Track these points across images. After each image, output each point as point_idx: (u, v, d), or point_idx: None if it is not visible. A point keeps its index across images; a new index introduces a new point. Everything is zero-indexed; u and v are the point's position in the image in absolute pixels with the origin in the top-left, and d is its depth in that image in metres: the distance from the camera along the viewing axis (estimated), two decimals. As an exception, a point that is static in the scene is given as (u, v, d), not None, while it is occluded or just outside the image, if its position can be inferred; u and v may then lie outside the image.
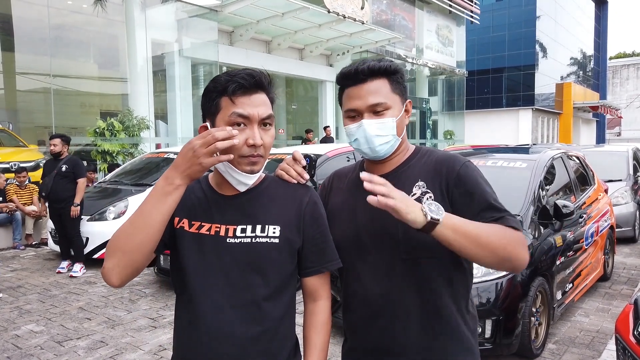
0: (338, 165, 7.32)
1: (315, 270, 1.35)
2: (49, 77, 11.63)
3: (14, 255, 7.26)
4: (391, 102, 1.38)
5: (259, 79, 1.27)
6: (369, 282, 1.42)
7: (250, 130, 1.24)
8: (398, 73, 1.40)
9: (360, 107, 1.37)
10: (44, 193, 6.22)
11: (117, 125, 9.91)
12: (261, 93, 1.28)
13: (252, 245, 1.27)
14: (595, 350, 3.78)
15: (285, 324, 1.32)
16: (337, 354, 3.71)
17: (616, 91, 47.65)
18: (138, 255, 1.16)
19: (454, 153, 1.45)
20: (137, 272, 1.21)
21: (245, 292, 1.26)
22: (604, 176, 6.90)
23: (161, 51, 12.98)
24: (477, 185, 1.36)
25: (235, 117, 1.23)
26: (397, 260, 1.37)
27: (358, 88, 1.38)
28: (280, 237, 1.29)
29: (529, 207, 3.86)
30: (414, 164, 1.44)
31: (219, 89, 1.26)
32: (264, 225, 1.29)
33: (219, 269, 1.26)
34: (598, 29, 41.83)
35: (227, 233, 1.28)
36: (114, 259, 1.16)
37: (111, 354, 3.79)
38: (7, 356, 3.76)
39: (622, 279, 5.79)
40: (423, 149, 1.49)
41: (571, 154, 5.39)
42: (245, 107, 1.24)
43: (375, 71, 1.37)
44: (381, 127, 1.36)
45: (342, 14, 13.49)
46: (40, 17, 11.43)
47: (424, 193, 1.37)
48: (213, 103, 1.27)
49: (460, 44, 23.64)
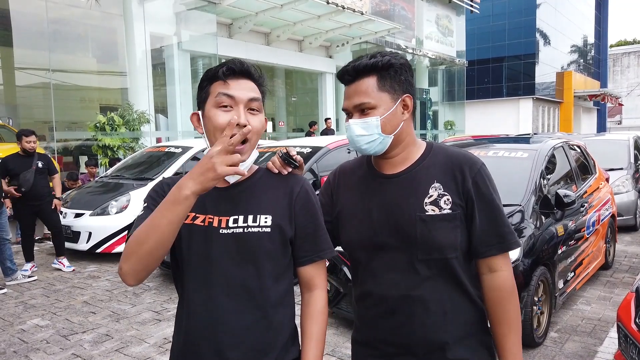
0: (338, 157, 7.27)
1: (308, 259, 1.36)
2: (48, 71, 11.59)
3: (17, 250, 7.29)
4: (376, 100, 1.37)
5: (247, 67, 1.31)
6: (386, 281, 1.41)
7: (235, 111, 1.27)
8: (391, 68, 1.37)
9: (348, 108, 1.41)
10: (25, 189, 5.92)
11: (117, 119, 9.91)
12: (250, 80, 1.31)
13: (244, 235, 1.28)
14: (597, 338, 3.81)
15: (280, 314, 1.32)
16: (340, 344, 3.74)
17: (617, 79, 47.47)
18: (151, 260, 1.18)
19: (467, 153, 1.45)
20: (152, 271, 1.25)
21: (239, 282, 1.27)
22: (605, 165, 6.89)
23: (160, 44, 12.93)
24: (491, 199, 1.39)
25: (221, 97, 1.26)
26: (415, 260, 1.37)
27: (348, 88, 1.41)
28: (272, 227, 1.29)
29: (530, 196, 3.87)
30: (428, 164, 1.42)
31: (209, 77, 1.31)
32: (256, 215, 1.30)
33: (213, 259, 1.27)
34: (599, 17, 41.58)
35: (220, 224, 1.29)
36: (129, 262, 1.18)
37: (117, 347, 3.82)
38: (14, 350, 3.80)
39: (624, 267, 5.81)
40: (435, 147, 1.47)
41: (572, 143, 5.39)
42: (232, 88, 1.27)
43: (360, 70, 1.37)
44: (365, 126, 1.37)
45: (341, 5, 13.43)
46: (38, 12, 11.37)
47: (441, 195, 1.38)
48: (203, 91, 1.31)
49: (460, 34, 23.53)
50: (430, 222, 1.36)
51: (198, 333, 1.29)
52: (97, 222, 6.50)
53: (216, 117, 1.27)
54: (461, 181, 1.37)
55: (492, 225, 1.37)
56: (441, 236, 1.35)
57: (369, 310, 1.47)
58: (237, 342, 1.27)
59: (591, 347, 3.66)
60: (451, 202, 1.36)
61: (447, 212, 1.36)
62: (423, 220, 1.36)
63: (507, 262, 1.40)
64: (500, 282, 1.38)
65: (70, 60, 13.58)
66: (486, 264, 1.39)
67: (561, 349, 3.65)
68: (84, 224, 6.52)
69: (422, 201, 1.37)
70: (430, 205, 1.37)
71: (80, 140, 12.26)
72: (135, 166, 7.78)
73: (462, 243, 1.38)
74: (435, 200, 1.37)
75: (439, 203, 1.36)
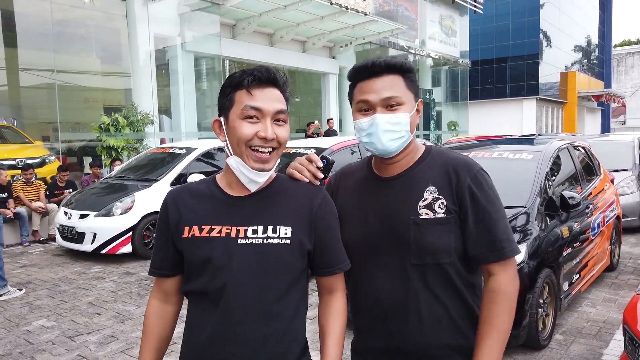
0: (343, 159, 7.30)
1: (330, 271, 1.35)
2: (52, 72, 11.64)
3: (23, 251, 7.33)
4: (405, 98, 1.36)
5: (274, 74, 1.27)
6: (380, 284, 1.41)
7: (262, 124, 1.24)
8: (412, 72, 1.40)
9: (373, 100, 1.35)
10: None
11: (121, 120, 9.93)
12: (275, 89, 1.28)
13: (264, 246, 1.26)
14: (603, 341, 3.80)
15: (294, 325, 1.31)
16: (345, 346, 3.74)
17: (621, 79, 47.28)
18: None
19: (466, 157, 1.43)
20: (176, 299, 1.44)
21: (256, 293, 1.25)
22: (610, 166, 6.87)
23: (163, 45, 12.97)
24: (486, 205, 1.36)
25: (248, 109, 1.24)
26: (409, 265, 1.37)
27: (372, 82, 1.36)
28: (292, 238, 1.28)
29: (535, 198, 3.86)
30: (425, 167, 1.41)
31: (233, 84, 1.27)
32: (275, 225, 1.28)
33: (230, 270, 1.25)
34: (602, 17, 41.44)
35: (238, 234, 1.27)
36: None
37: (122, 349, 3.83)
38: (20, 351, 3.81)
39: (629, 268, 5.79)
40: (434, 150, 1.46)
41: (577, 144, 5.38)
42: (259, 100, 1.24)
43: (391, 67, 1.36)
44: (394, 122, 1.34)
45: (344, 6, 13.43)
46: (42, 13, 11.42)
47: (436, 199, 1.36)
48: (227, 98, 1.28)
49: (464, 34, 23.49)
50: (423, 226, 1.34)
51: (212, 344, 1.26)
52: (101, 223, 6.52)
53: (242, 129, 1.24)
54: (456, 185, 1.36)
55: (487, 232, 1.35)
56: (434, 240, 1.34)
57: (365, 314, 1.47)
58: (252, 355, 1.25)
59: (597, 350, 3.65)
60: (445, 206, 1.35)
61: (441, 216, 1.35)
62: (416, 224, 1.35)
63: (507, 267, 1.36)
64: (496, 285, 1.35)
65: (74, 61, 13.64)
66: (486, 269, 1.38)
67: (566, 351, 3.64)
68: (88, 225, 6.54)
69: (417, 205, 1.36)
70: (425, 209, 1.36)
71: (84, 141, 12.30)
72: (139, 167, 7.80)
73: (457, 248, 1.36)
74: (430, 204, 1.36)
75: (433, 207, 1.35)
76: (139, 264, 6.37)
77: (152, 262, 1.41)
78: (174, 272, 1.38)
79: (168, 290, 1.40)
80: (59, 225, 6.93)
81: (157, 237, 1.39)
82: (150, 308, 1.42)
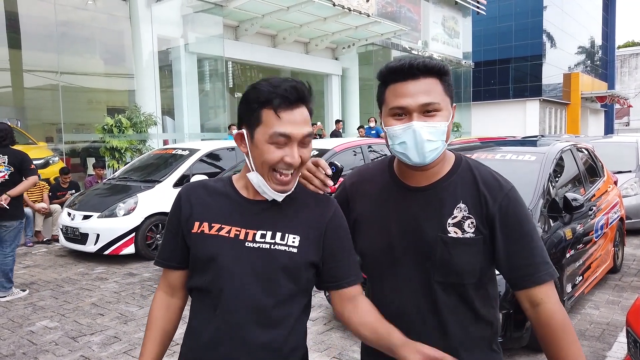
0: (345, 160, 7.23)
1: (344, 283, 1.32)
2: (56, 74, 11.69)
3: (26, 252, 7.35)
4: (443, 104, 1.26)
5: (302, 92, 1.24)
6: (398, 298, 1.37)
7: (289, 149, 1.22)
8: (449, 75, 1.30)
9: (410, 106, 1.24)
10: None
11: (124, 121, 9.97)
12: (303, 107, 1.25)
13: (270, 252, 1.26)
14: (606, 343, 3.79)
15: (295, 333, 1.30)
16: (347, 347, 3.74)
17: (624, 80, 47.17)
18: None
19: (497, 175, 1.35)
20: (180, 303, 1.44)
21: (258, 298, 1.24)
22: (613, 167, 6.85)
23: (167, 47, 13.02)
24: (518, 226, 1.29)
25: (277, 137, 1.21)
26: (431, 281, 1.32)
27: (408, 84, 1.25)
28: (299, 248, 1.27)
29: (538, 200, 3.85)
30: (456, 181, 1.33)
31: (261, 100, 1.22)
32: (284, 233, 1.28)
33: (235, 271, 1.25)
34: (606, 18, 41.36)
35: (246, 237, 1.27)
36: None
37: (125, 349, 3.84)
38: (23, 352, 3.83)
39: (632, 270, 5.77)
40: (464, 162, 1.37)
41: (580, 145, 5.36)
42: (288, 125, 1.21)
43: (429, 69, 1.25)
44: (433, 131, 1.25)
45: (347, 7, 13.44)
46: (46, 15, 11.47)
47: (466, 218, 1.30)
48: (254, 114, 1.24)
49: (467, 35, 23.49)
50: (451, 245, 1.29)
51: (212, 346, 1.27)
52: (105, 224, 6.53)
53: (269, 154, 1.22)
54: (486, 205, 1.29)
55: (520, 255, 1.27)
56: (462, 261, 1.29)
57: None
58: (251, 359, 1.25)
59: (600, 352, 3.64)
60: (475, 226, 1.29)
61: (469, 236, 1.29)
62: (444, 242, 1.29)
63: (549, 292, 1.26)
64: (546, 318, 1.25)
65: (78, 62, 13.68)
66: (525, 296, 1.28)
67: (569, 353, 3.62)
68: (92, 225, 6.56)
69: (446, 221, 1.30)
70: (454, 227, 1.30)
71: (87, 142, 12.35)
72: (142, 168, 7.82)
73: (483, 269, 1.32)
74: (459, 222, 1.30)
75: (463, 226, 1.29)
76: (142, 265, 6.39)
77: (160, 252, 1.41)
78: (180, 265, 1.37)
79: (174, 283, 1.40)
80: (62, 226, 6.95)
81: (167, 229, 1.39)
82: (156, 300, 1.42)
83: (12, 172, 4.94)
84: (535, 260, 1.27)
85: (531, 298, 1.27)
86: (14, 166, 4.94)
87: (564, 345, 1.24)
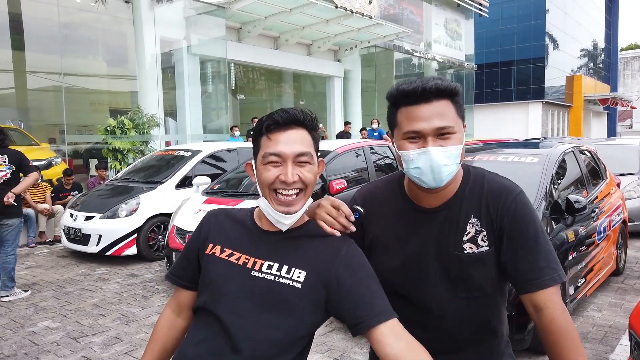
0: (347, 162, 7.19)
1: (364, 325, 1.20)
2: (59, 75, 11.73)
3: (28, 252, 7.36)
4: (457, 126, 1.26)
5: (294, 115, 1.26)
6: (419, 312, 1.38)
7: (283, 167, 1.24)
8: (459, 95, 1.29)
9: (424, 130, 1.23)
10: None
11: (127, 123, 9.99)
12: (298, 129, 1.26)
13: (274, 284, 1.25)
14: (609, 346, 3.77)
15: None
16: (349, 349, 3.74)
17: (627, 83, 47.08)
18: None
19: (504, 181, 1.36)
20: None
21: (258, 329, 1.22)
22: (616, 170, 6.84)
23: (169, 48, 13.04)
24: (525, 230, 1.29)
25: (268, 156, 1.24)
26: (454, 297, 1.34)
27: (421, 108, 1.24)
28: (304, 284, 1.24)
29: (540, 202, 3.84)
30: (467, 196, 1.34)
31: (258, 128, 1.29)
32: (291, 267, 1.26)
33: (238, 298, 1.25)
34: (609, 20, 41.31)
35: (253, 266, 1.28)
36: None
37: (126, 350, 3.84)
38: (25, 352, 3.83)
39: (635, 273, 5.75)
40: (472, 173, 1.37)
41: (583, 148, 5.35)
42: (278, 144, 1.23)
43: (441, 91, 1.25)
44: (448, 155, 1.24)
45: (349, 9, 13.45)
46: (49, 16, 11.51)
47: (478, 232, 1.31)
48: (255, 143, 1.31)
49: (469, 37, 23.46)
50: (467, 262, 1.31)
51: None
52: (107, 225, 6.55)
53: (264, 174, 1.25)
54: (495, 213, 1.30)
55: (526, 259, 1.27)
56: (480, 276, 1.32)
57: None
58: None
59: (602, 355, 3.63)
60: (487, 239, 1.31)
61: (484, 250, 1.31)
62: (460, 259, 1.31)
63: (553, 297, 1.25)
64: (548, 323, 1.24)
65: (81, 64, 13.72)
66: (528, 300, 1.28)
67: (572, 356, 3.61)
68: (94, 226, 6.58)
69: (461, 238, 1.32)
70: (468, 243, 1.31)
71: (90, 143, 12.37)
72: (144, 169, 7.84)
73: (501, 274, 1.35)
74: (473, 237, 1.31)
75: (477, 240, 1.31)
76: (144, 266, 6.40)
77: (172, 269, 1.45)
78: (190, 285, 1.40)
79: (183, 303, 1.43)
80: (64, 226, 6.97)
81: (185, 247, 1.43)
82: (163, 316, 1.45)
83: (13, 171, 5.06)
84: (540, 265, 1.27)
85: (534, 302, 1.26)
86: (14, 165, 5.05)
87: (566, 351, 1.23)
